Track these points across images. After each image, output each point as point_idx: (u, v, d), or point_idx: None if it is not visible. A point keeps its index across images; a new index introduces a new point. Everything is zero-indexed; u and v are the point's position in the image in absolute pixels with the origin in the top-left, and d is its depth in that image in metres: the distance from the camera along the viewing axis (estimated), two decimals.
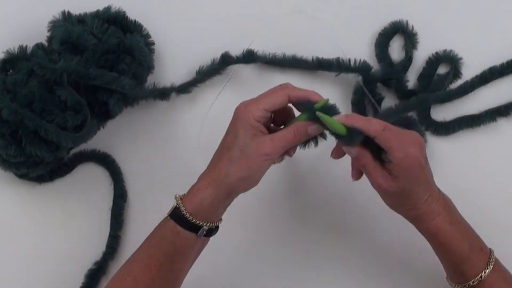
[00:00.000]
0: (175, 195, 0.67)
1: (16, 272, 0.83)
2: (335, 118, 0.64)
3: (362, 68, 0.84)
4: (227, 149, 0.65)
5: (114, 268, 0.82)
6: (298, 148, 0.69)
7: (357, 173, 0.69)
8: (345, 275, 0.81)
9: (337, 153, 0.69)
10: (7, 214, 0.84)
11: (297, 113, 0.69)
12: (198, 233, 0.66)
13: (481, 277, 0.66)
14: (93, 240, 0.83)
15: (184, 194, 0.67)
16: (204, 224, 0.66)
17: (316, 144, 0.69)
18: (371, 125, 0.64)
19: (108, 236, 0.82)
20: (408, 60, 0.85)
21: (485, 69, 0.84)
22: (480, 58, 0.85)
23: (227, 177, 0.64)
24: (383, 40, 0.86)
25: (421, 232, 0.69)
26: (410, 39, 0.85)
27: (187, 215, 0.65)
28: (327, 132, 0.67)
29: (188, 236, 0.66)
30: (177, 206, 0.66)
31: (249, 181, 0.66)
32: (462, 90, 0.84)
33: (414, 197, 0.66)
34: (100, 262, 0.82)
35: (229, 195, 0.66)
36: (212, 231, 0.67)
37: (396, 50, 0.87)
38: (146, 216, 0.68)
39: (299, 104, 0.67)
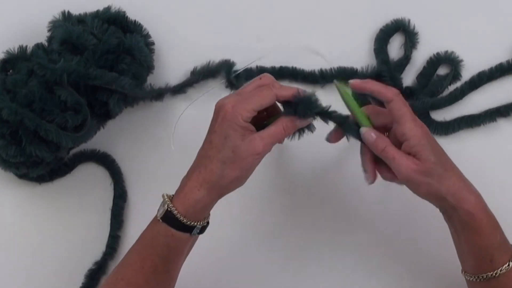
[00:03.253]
0: (163, 195, 0.67)
1: (16, 272, 0.83)
2: (350, 82, 0.66)
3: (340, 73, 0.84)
4: (217, 150, 0.64)
5: None
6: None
7: (372, 172, 0.67)
8: (338, 274, 0.81)
9: (335, 136, 0.68)
10: (7, 214, 0.84)
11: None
12: (192, 232, 0.66)
13: (508, 265, 0.64)
14: (93, 240, 0.83)
15: (172, 195, 0.67)
16: (197, 223, 0.66)
17: (300, 135, 0.68)
18: (388, 89, 0.65)
19: (108, 236, 0.82)
20: (405, 58, 0.85)
21: (485, 69, 0.84)
22: (480, 60, 0.84)
23: (220, 179, 0.64)
24: (383, 37, 0.86)
25: (456, 217, 0.64)
26: (410, 38, 0.85)
27: (181, 218, 0.65)
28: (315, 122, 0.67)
29: (183, 236, 0.66)
30: (169, 209, 0.65)
31: (240, 181, 0.66)
32: (462, 92, 0.84)
33: (449, 163, 0.65)
34: (100, 262, 0.82)
35: (221, 195, 0.67)
36: (204, 227, 0.68)
37: (396, 48, 0.87)
38: (146, 216, 0.68)
39: (286, 101, 0.67)
